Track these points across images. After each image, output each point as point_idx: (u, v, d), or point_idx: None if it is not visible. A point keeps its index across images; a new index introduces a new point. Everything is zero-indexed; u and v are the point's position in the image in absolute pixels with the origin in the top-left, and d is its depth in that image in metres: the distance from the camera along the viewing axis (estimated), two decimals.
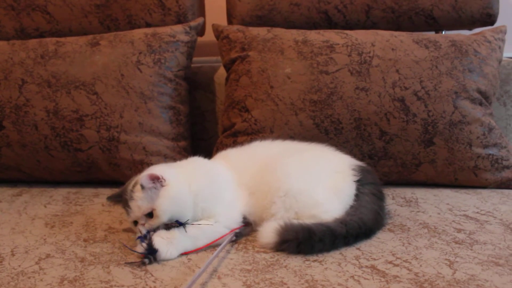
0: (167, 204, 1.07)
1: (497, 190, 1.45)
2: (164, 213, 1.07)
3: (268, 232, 1.06)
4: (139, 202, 1.08)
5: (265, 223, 1.09)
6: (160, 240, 1.05)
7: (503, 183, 1.45)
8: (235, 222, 1.13)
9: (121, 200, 1.14)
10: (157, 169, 1.12)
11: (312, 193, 1.12)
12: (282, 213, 1.11)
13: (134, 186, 1.10)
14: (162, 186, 1.09)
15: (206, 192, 1.14)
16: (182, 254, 1.06)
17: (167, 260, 1.04)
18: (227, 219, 1.13)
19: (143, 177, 1.07)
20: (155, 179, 1.08)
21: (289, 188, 1.12)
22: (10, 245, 1.14)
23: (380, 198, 1.20)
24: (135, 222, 1.11)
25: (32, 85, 1.56)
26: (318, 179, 1.16)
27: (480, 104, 1.46)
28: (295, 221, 1.07)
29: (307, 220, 1.08)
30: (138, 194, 1.08)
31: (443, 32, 1.76)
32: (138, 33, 1.63)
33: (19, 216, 1.33)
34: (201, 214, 1.12)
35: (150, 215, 1.08)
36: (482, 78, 1.48)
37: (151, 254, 1.03)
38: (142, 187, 1.07)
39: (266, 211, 1.13)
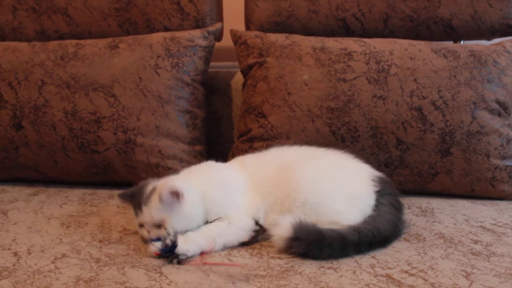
0: (178, 222, 1.10)
1: None
2: (173, 229, 1.09)
3: (286, 225, 1.06)
4: (153, 211, 1.09)
5: (282, 217, 1.09)
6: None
7: None
8: (246, 225, 1.14)
9: (133, 199, 1.15)
10: (177, 184, 1.11)
11: (330, 203, 1.12)
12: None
13: (151, 193, 1.11)
14: (178, 202, 1.10)
15: (220, 198, 1.16)
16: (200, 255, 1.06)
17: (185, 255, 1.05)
18: (239, 221, 1.13)
19: (164, 190, 1.09)
20: (175, 196, 1.10)
21: (306, 198, 1.12)
22: (27, 244, 1.15)
23: (399, 209, 1.19)
24: (140, 225, 1.13)
25: (51, 86, 1.58)
26: (337, 187, 1.16)
27: (499, 115, 1.45)
28: (309, 222, 1.07)
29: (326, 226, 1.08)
30: (154, 203, 1.10)
31: (462, 42, 1.75)
32: (157, 37, 1.64)
33: (35, 215, 1.34)
34: (215, 217, 1.13)
35: (158, 226, 1.10)
36: (501, 89, 1.47)
37: (170, 251, 1.05)
38: (160, 199, 1.09)
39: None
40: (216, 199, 1.15)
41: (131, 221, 1.28)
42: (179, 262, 1.04)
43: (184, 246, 1.05)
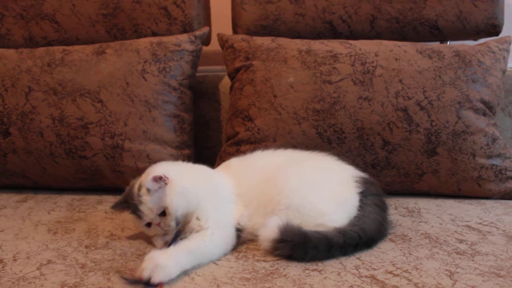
0: (176, 200, 1.10)
1: (501, 201, 1.43)
2: (176, 209, 1.09)
3: (272, 227, 1.06)
4: (150, 204, 1.09)
5: (269, 218, 1.09)
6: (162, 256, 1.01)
7: (507, 194, 1.44)
8: (228, 232, 1.13)
9: (127, 206, 1.15)
10: (159, 169, 1.14)
11: (314, 205, 1.12)
12: None
13: (139, 189, 1.11)
14: (166, 184, 1.10)
15: (206, 196, 1.15)
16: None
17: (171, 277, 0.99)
18: (220, 227, 1.12)
19: (148, 181, 1.09)
20: (159, 179, 1.10)
21: (290, 202, 1.12)
22: (13, 251, 1.15)
23: (383, 209, 1.20)
24: (148, 224, 1.12)
25: (38, 93, 1.58)
26: (321, 189, 1.16)
27: (484, 114, 1.45)
28: (294, 224, 1.07)
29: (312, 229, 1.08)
30: (145, 197, 1.10)
31: (448, 43, 1.76)
32: (144, 42, 1.64)
33: (23, 222, 1.34)
34: (195, 217, 1.12)
35: (163, 213, 1.09)
36: (486, 89, 1.47)
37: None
38: (148, 190, 1.09)
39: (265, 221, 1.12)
40: (203, 196, 1.14)
41: (118, 226, 1.29)
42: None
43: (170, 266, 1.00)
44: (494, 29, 1.66)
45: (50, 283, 1.00)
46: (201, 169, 1.25)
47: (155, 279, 0.96)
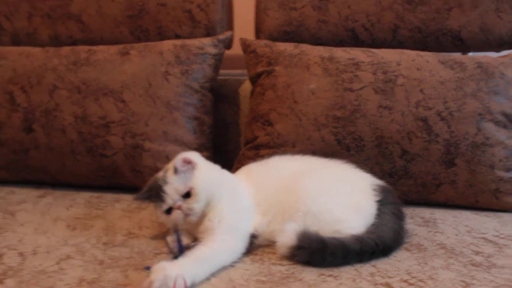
0: (203, 181, 1.13)
1: None
2: (203, 189, 1.12)
3: (290, 233, 1.07)
4: (175, 184, 1.12)
5: (286, 224, 1.10)
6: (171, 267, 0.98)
7: None
8: (240, 240, 1.12)
9: (150, 196, 1.16)
10: (188, 154, 1.17)
11: (332, 212, 1.13)
12: None
13: (165, 173, 1.14)
14: (194, 168, 1.14)
15: (224, 197, 1.16)
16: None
17: None
18: (233, 233, 1.12)
19: (177, 161, 1.13)
20: (188, 163, 1.14)
21: (308, 208, 1.12)
22: (33, 244, 1.18)
23: (400, 217, 1.19)
24: (168, 211, 1.12)
25: (63, 91, 1.61)
26: (338, 197, 1.17)
27: (504, 127, 1.44)
28: (312, 230, 1.08)
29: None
30: (172, 177, 1.13)
31: (470, 53, 1.75)
32: (168, 44, 1.67)
33: (42, 217, 1.36)
34: (207, 218, 1.13)
35: (187, 195, 1.11)
36: (508, 101, 1.46)
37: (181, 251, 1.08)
38: (176, 170, 1.12)
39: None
40: (221, 202, 1.15)
41: (136, 224, 1.31)
42: None
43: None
44: None
45: (69, 277, 1.02)
46: (225, 172, 1.26)
47: None
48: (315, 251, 1.05)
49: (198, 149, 1.58)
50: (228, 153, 1.76)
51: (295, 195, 1.16)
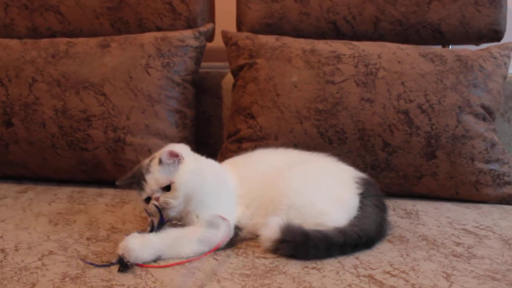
0: (185, 178, 1.10)
1: (498, 205, 1.45)
2: (183, 186, 1.10)
3: (274, 227, 1.07)
4: (157, 174, 1.10)
5: (270, 218, 1.10)
6: (133, 240, 1.05)
7: (504, 198, 1.45)
8: (224, 230, 1.12)
9: (132, 182, 1.14)
10: (176, 147, 1.15)
11: (315, 205, 1.13)
12: None
13: (150, 161, 1.13)
14: (180, 162, 1.12)
15: (210, 189, 1.15)
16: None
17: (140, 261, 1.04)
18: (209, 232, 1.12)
19: (163, 152, 1.11)
20: (174, 156, 1.11)
21: (290, 202, 1.13)
22: (14, 241, 1.16)
23: (383, 210, 1.21)
24: (147, 200, 1.11)
25: (42, 84, 1.58)
26: (321, 190, 1.17)
27: (484, 119, 1.47)
28: (295, 224, 1.08)
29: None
30: (155, 167, 1.11)
31: (450, 47, 1.77)
32: (148, 37, 1.65)
33: (24, 213, 1.35)
34: (194, 209, 1.13)
35: (167, 188, 1.10)
36: (487, 94, 1.49)
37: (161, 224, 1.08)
38: (161, 161, 1.10)
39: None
40: (208, 188, 1.15)
41: (119, 219, 1.30)
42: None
43: (139, 251, 1.04)
44: (496, 35, 1.68)
45: (52, 273, 1.01)
46: (213, 165, 1.25)
47: (126, 259, 1.02)
48: (299, 244, 1.06)
49: (181, 142, 1.57)
50: (210, 146, 1.76)
51: (277, 189, 1.16)
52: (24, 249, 1.12)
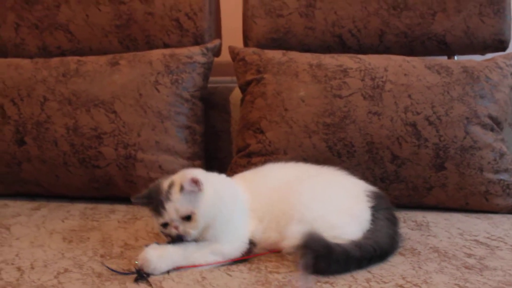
0: (207, 208, 1.10)
1: (508, 215, 1.45)
2: (204, 217, 1.10)
3: (296, 233, 1.07)
4: (178, 204, 1.09)
5: (292, 225, 1.11)
6: (152, 251, 1.09)
7: None
8: (239, 246, 1.15)
9: (149, 202, 1.14)
10: (196, 173, 1.12)
11: (327, 218, 1.14)
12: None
13: (170, 187, 1.11)
14: (200, 190, 1.11)
15: (228, 213, 1.16)
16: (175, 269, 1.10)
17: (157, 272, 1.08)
18: (232, 241, 1.15)
19: (186, 179, 1.09)
20: (196, 183, 1.10)
21: (302, 216, 1.13)
22: (30, 258, 1.18)
23: (394, 223, 1.21)
24: (164, 225, 1.11)
25: (53, 103, 1.61)
26: (332, 203, 1.18)
27: (492, 129, 1.48)
28: (319, 233, 1.07)
29: None
30: (176, 196, 1.09)
31: (455, 57, 1.78)
32: (157, 54, 1.67)
33: (38, 230, 1.36)
34: (212, 233, 1.13)
35: (187, 218, 1.10)
36: (494, 104, 1.50)
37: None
38: (182, 189, 1.09)
39: (281, 236, 1.14)
40: (224, 211, 1.15)
41: (132, 235, 1.31)
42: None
43: (157, 262, 1.08)
44: (501, 45, 1.69)
45: None
46: (227, 183, 1.25)
47: (145, 270, 1.06)
48: (322, 256, 1.05)
49: (191, 158, 1.60)
50: (219, 160, 1.77)
51: (288, 203, 1.17)
52: (40, 267, 1.13)
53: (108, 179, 1.56)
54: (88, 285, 1.05)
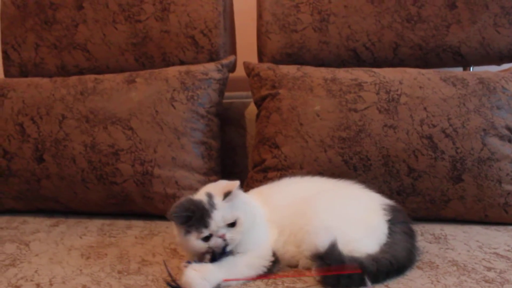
0: (248, 212, 1.13)
1: None
2: (246, 222, 1.12)
3: (324, 238, 1.07)
4: (223, 211, 1.10)
5: (321, 229, 1.11)
6: (194, 273, 1.07)
7: None
8: (266, 256, 1.15)
9: (188, 218, 1.11)
10: (231, 183, 1.15)
11: (344, 232, 1.12)
12: None
13: (211, 199, 1.12)
14: (237, 198, 1.14)
15: (259, 219, 1.18)
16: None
17: None
18: (259, 252, 1.15)
19: (233, 188, 1.12)
20: (238, 191, 1.14)
21: (319, 229, 1.12)
22: (49, 275, 1.19)
23: (412, 236, 1.20)
24: (206, 238, 1.10)
25: (71, 121, 1.63)
26: (349, 217, 1.18)
27: (509, 141, 1.46)
28: (338, 247, 1.07)
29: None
30: (221, 204, 1.11)
31: (471, 68, 1.77)
32: (172, 71, 1.69)
33: (56, 246, 1.38)
34: (246, 240, 1.14)
35: (232, 225, 1.11)
36: (511, 115, 1.48)
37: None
38: (226, 197, 1.11)
39: (298, 250, 1.14)
40: (258, 222, 1.17)
41: (149, 251, 1.32)
42: None
43: (201, 285, 1.06)
44: None
45: None
46: (246, 199, 1.24)
47: None
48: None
49: (207, 173, 1.61)
50: (235, 175, 1.75)
51: (305, 217, 1.17)
52: (58, 283, 1.14)
53: (125, 195, 1.58)
54: None
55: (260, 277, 1.12)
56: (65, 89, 1.70)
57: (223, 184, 1.16)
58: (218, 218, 1.09)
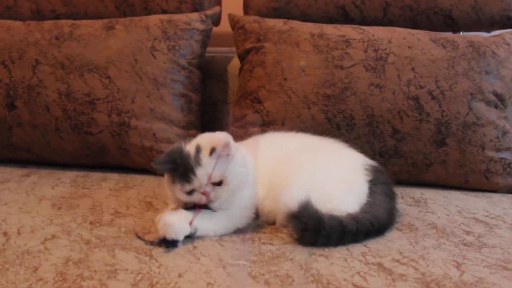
0: (238, 173, 1.08)
1: (508, 195, 1.43)
2: (235, 181, 1.07)
3: (296, 198, 1.04)
4: (209, 169, 1.04)
5: (293, 188, 1.08)
6: (172, 217, 1.05)
7: None
8: (248, 213, 1.13)
9: (171, 169, 1.07)
10: (225, 137, 1.08)
11: (324, 189, 1.11)
12: None
13: (198, 152, 1.06)
14: (228, 155, 1.07)
15: (250, 179, 1.14)
16: None
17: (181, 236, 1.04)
18: (242, 210, 1.13)
19: (219, 144, 1.05)
20: (227, 147, 1.06)
21: (299, 186, 1.10)
22: (17, 224, 1.15)
23: (392, 197, 1.19)
24: (190, 192, 1.06)
25: (45, 66, 1.56)
26: (331, 175, 1.15)
27: (496, 106, 1.44)
28: (315, 205, 1.05)
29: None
30: (206, 160, 1.05)
31: (461, 33, 1.74)
32: (154, 19, 1.62)
33: (27, 196, 1.33)
34: (231, 197, 1.10)
35: (218, 183, 1.06)
36: (499, 81, 1.46)
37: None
38: (213, 153, 1.05)
39: (276, 205, 1.12)
40: (248, 181, 1.13)
41: (123, 204, 1.28)
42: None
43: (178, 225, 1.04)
44: (509, 21, 1.64)
45: (55, 257, 0.99)
46: (243, 149, 1.19)
47: (168, 236, 1.02)
48: (309, 230, 1.03)
49: (186, 126, 1.56)
50: (215, 131, 1.73)
51: (286, 173, 1.14)
52: (26, 232, 1.10)
53: (101, 146, 1.53)
54: (75, 251, 1.02)
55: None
56: (40, 33, 1.61)
57: (214, 138, 1.09)
58: (202, 175, 1.05)
